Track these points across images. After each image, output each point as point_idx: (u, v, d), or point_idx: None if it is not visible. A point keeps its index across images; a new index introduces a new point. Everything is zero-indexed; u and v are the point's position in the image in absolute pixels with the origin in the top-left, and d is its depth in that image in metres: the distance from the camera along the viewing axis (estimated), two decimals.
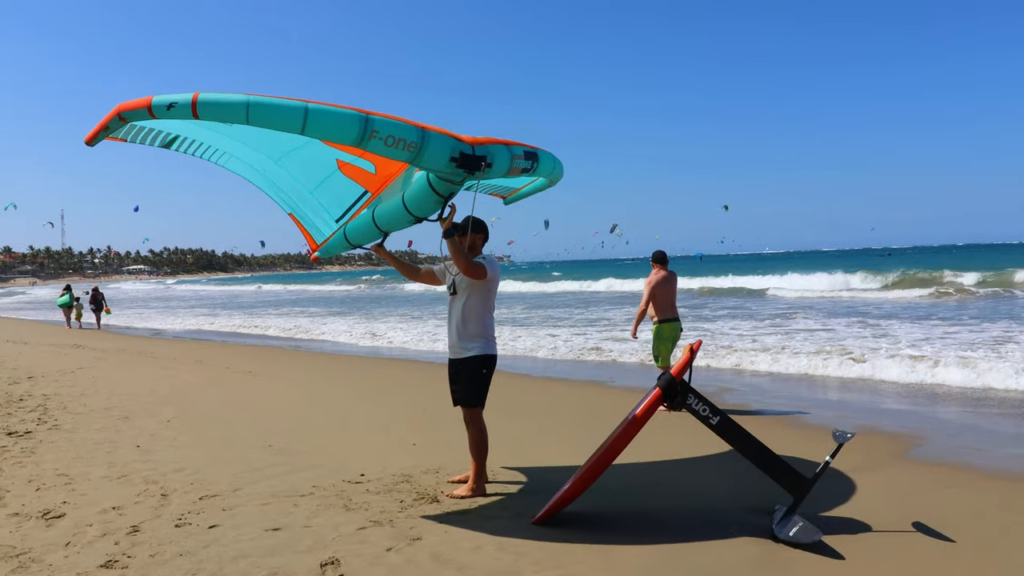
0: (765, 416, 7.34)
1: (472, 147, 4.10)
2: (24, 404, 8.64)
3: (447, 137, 4.05)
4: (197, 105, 3.54)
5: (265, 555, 3.84)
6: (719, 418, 4.12)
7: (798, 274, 37.41)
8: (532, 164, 4.55)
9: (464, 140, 4.12)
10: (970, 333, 13.10)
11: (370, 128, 3.77)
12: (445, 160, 4.06)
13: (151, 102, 3.59)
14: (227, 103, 3.57)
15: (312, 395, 9.35)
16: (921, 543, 3.94)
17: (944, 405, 7.88)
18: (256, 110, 3.57)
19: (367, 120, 3.77)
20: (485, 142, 4.21)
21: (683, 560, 3.75)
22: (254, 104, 3.57)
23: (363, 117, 3.77)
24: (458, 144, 4.07)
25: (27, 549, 3.97)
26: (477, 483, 4.84)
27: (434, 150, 3.99)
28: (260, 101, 3.59)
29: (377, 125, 3.79)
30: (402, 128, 3.87)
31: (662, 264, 8.12)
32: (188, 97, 3.56)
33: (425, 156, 3.99)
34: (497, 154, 4.23)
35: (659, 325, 7.99)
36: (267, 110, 3.60)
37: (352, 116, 3.75)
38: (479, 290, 4.77)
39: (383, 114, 3.90)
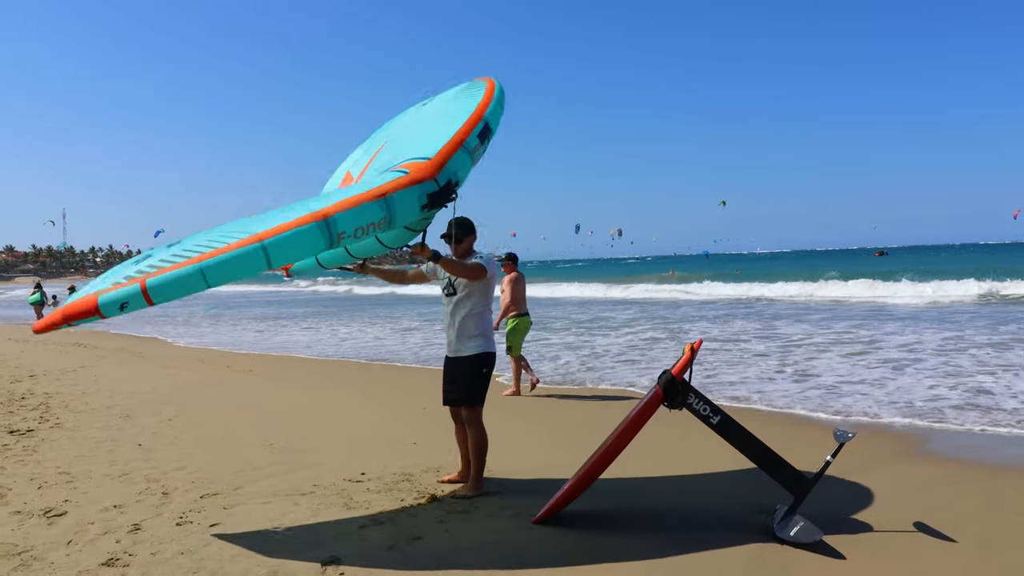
0: (766, 416, 7.34)
1: (435, 180, 3.90)
2: (26, 402, 8.65)
3: (409, 189, 3.82)
4: (149, 292, 3.33)
5: (266, 554, 3.85)
6: (720, 417, 4.12)
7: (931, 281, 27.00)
8: (488, 136, 4.32)
9: (425, 175, 3.89)
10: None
11: (335, 232, 3.57)
12: (416, 211, 3.91)
13: (97, 303, 3.35)
14: (180, 278, 3.35)
15: (312, 394, 9.36)
16: (922, 543, 3.94)
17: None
18: (213, 272, 3.37)
19: (328, 225, 3.55)
20: (444, 159, 3.98)
21: (684, 559, 3.75)
22: (209, 268, 3.36)
23: (321, 225, 3.54)
24: (423, 187, 3.87)
25: (29, 547, 3.98)
26: (479, 483, 4.84)
27: (403, 210, 3.83)
28: (213, 262, 3.37)
29: (340, 225, 3.58)
30: (364, 212, 3.66)
31: (514, 264, 9.21)
32: (136, 288, 3.33)
33: (397, 220, 3.83)
34: (459, 163, 4.06)
35: (518, 319, 8.96)
36: (225, 267, 3.38)
37: (311, 229, 3.52)
38: (479, 289, 4.77)
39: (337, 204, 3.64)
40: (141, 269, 3.53)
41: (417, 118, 5.16)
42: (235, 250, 3.40)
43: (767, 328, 15.87)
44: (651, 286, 34.84)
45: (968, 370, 9.53)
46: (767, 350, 12.22)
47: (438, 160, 3.98)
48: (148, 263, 3.61)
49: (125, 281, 3.44)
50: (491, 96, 4.50)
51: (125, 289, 3.36)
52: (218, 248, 3.45)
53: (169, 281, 3.34)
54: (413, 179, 3.87)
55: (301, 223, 3.53)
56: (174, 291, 3.36)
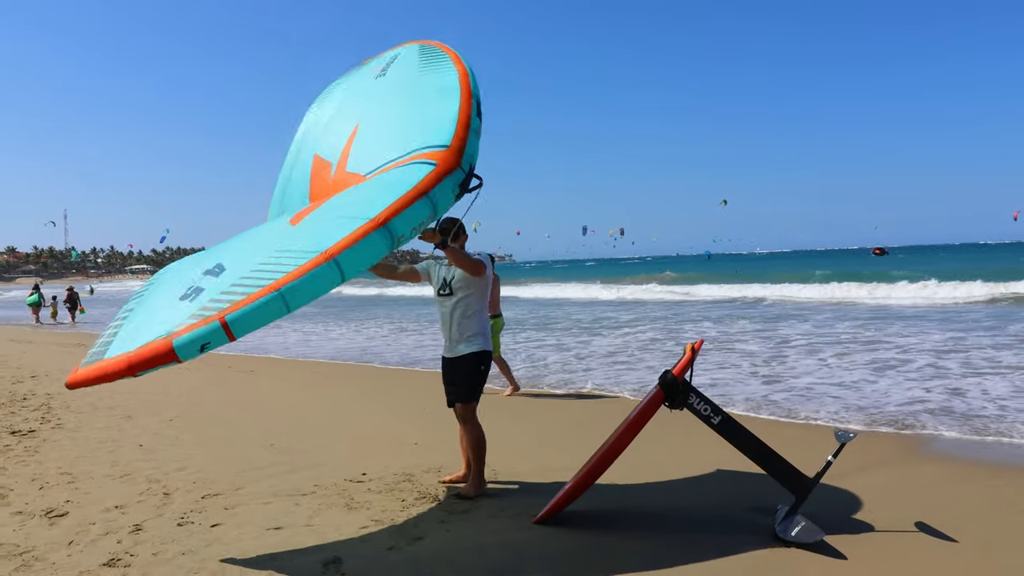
0: (766, 416, 7.33)
1: (461, 168, 3.94)
2: (28, 403, 8.66)
3: (445, 182, 3.87)
4: (230, 326, 3.24)
5: (267, 554, 3.85)
6: (720, 417, 4.12)
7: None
8: (480, 110, 4.32)
9: (452, 164, 3.92)
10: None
11: (395, 236, 3.64)
12: (451, 200, 3.97)
13: (173, 347, 3.21)
14: (261, 307, 3.29)
15: (314, 394, 9.36)
16: (923, 543, 3.94)
17: None
18: (294, 296, 3.35)
19: (389, 231, 3.60)
20: (462, 145, 4.00)
21: (685, 559, 3.74)
22: (289, 292, 3.33)
23: (383, 232, 3.59)
24: (454, 178, 3.90)
25: (30, 547, 3.99)
26: (479, 482, 4.82)
27: (443, 202, 3.89)
28: (293, 286, 3.35)
29: (399, 229, 3.64)
30: (415, 213, 3.72)
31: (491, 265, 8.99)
32: (215, 326, 3.23)
33: (439, 213, 3.93)
34: (472, 148, 4.08)
35: (492, 320, 8.71)
36: (305, 288, 3.37)
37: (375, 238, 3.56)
38: (477, 289, 4.77)
39: (391, 208, 3.66)
40: (207, 306, 3.40)
41: (383, 95, 5.03)
42: (310, 271, 3.41)
43: (767, 329, 15.85)
44: (655, 286, 34.60)
45: (954, 372, 9.35)
46: (758, 350, 12.17)
47: (457, 146, 4.01)
48: (209, 298, 3.48)
49: (195, 321, 3.30)
50: (465, 70, 4.46)
51: (203, 328, 3.24)
52: (291, 272, 3.42)
53: (251, 311, 3.28)
54: (444, 170, 3.91)
55: (365, 233, 3.56)
56: (258, 320, 3.30)
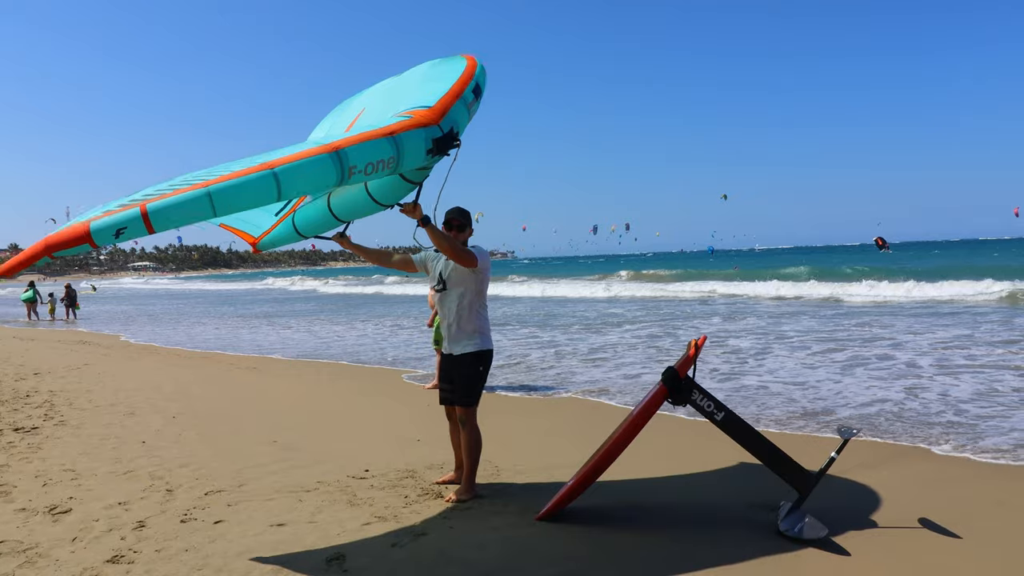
0: (769, 413, 7.31)
1: (439, 126, 3.87)
2: (31, 400, 8.68)
3: (416, 131, 3.79)
4: (150, 216, 3.02)
5: (270, 551, 3.85)
6: (724, 414, 4.11)
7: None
8: (479, 95, 4.33)
9: (429, 120, 3.86)
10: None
11: (347, 165, 3.48)
12: (422, 155, 3.87)
13: (89, 229, 3.00)
14: (185, 202, 3.08)
15: (316, 391, 9.37)
16: (927, 539, 3.93)
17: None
18: (222, 197, 3.14)
19: (339, 157, 3.46)
20: (445, 107, 3.95)
21: (688, 556, 3.74)
22: (218, 192, 3.14)
23: (334, 156, 3.45)
24: (429, 131, 3.84)
25: (34, 544, 3.99)
26: (471, 485, 4.72)
27: (411, 152, 3.78)
28: (222, 187, 3.16)
29: (352, 158, 3.49)
30: (375, 148, 3.60)
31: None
32: (135, 212, 3.02)
33: (404, 161, 3.78)
34: (458, 114, 4.03)
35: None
36: (235, 192, 3.17)
37: (323, 160, 3.42)
38: (472, 283, 4.58)
39: (348, 139, 3.57)
40: (136, 198, 3.21)
41: (394, 86, 5.07)
42: (246, 176, 3.23)
43: (768, 327, 15.83)
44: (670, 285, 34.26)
45: (926, 371, 9.21)
46: (747, 346, 12.15)
47: (439, 107, 3.96)
48: (143, 193, 3.31)
49: (117, 208, 3.11)
50: (474, 62, 4.49)
51: (122, 214, 3.03)
52: (226, 175, 3.25)
53: (173, 205, 3.06)
54: (418, 122, 3.84)
55: (313, 153, 3.44)
56: (178, 216, 3.08)
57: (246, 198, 3.24)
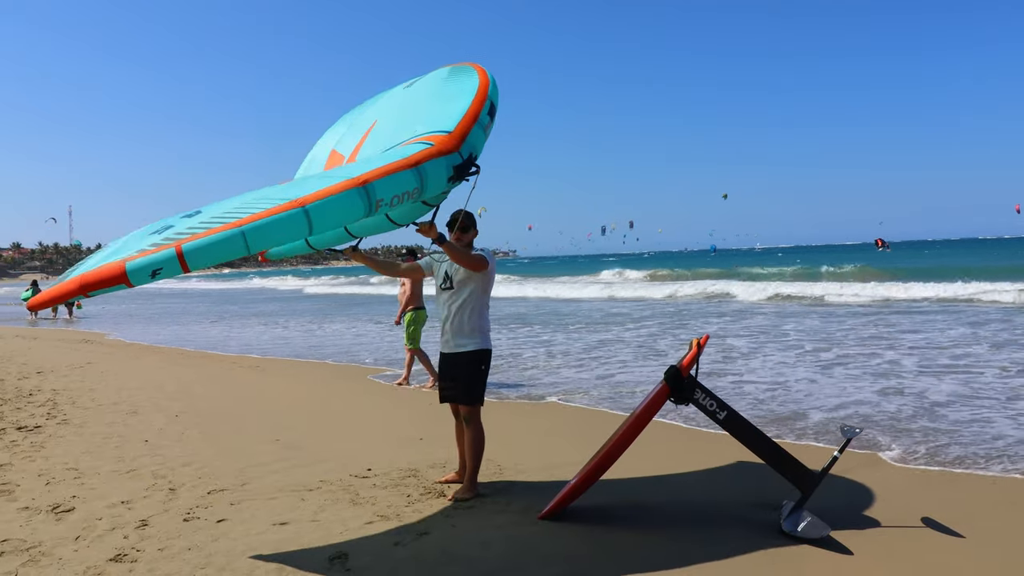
0: (771, 412, 7.31)
1: (459, 153, 3.94)
2: (34, 399, 8.69)
3: (438, 160, 3.86)
4: (185, 256, 3.08)
5: (272, 549, 3.86)
6: (726, 413, 4.11)
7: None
8: (493, 115, 4.36)
9: (449, 147, 3.93)
10: None
11: (374, 199, 3.56)
12: (444, 183, 3.95)
13: (125, 270, 3.03)
14: (220, 241, 3.14)
15: (319, 390, 9.38)
16: (930, 538, 3.93)
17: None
18: (255, 235, 3.21)
19: (367, 191, 3.53)
20: (464, 132, 4.02)
21: (690, 555, 3.74)
22: (251, 231, 3.20)
23: (361, 191, 3.52)
24: (449, 159, 3.91)
25: (37, 543, 4.00)
26: (473, 484, 4.73)
27: (433, 181, 3.86)
28: (256, 226, 3.23)
29: (379, 192, 3.57)
30: (401, 180, 3.67)
31: (414, 259, 9.46)
32: (170, 253, 3.07)
33: (427, 190, 3.86)
34: (476, 140, 4.10)
35: (416, 312, 9.45)
36: (268, 230, 3.25)
37: (351, 195, 3.49)
38: (477, 284, 4.65)
39: (374, 172, 3.63)
40: (168, 236, 3.26)
41: (405, 99, 5.08)
42: (278, 214, 3.30)
43: (769, 326, 15.81)
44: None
45: (907, 370, 9.21)
46: (732, 346, 12.14)
47: (458, 132, 4.01)
48: (174, 231, 3.34)
49: (153, 248, 3.15)
50: (487, 78, 4.52)
51: (157, 255, 3.08)
52: (258, 213, 3.30)
53: (208, 244, 3.12)
54: (439, 150, 3.90)
55: (341, 189, 3.50)
56: (213, 255, 3.15)
57: (279, 235, 3.31)
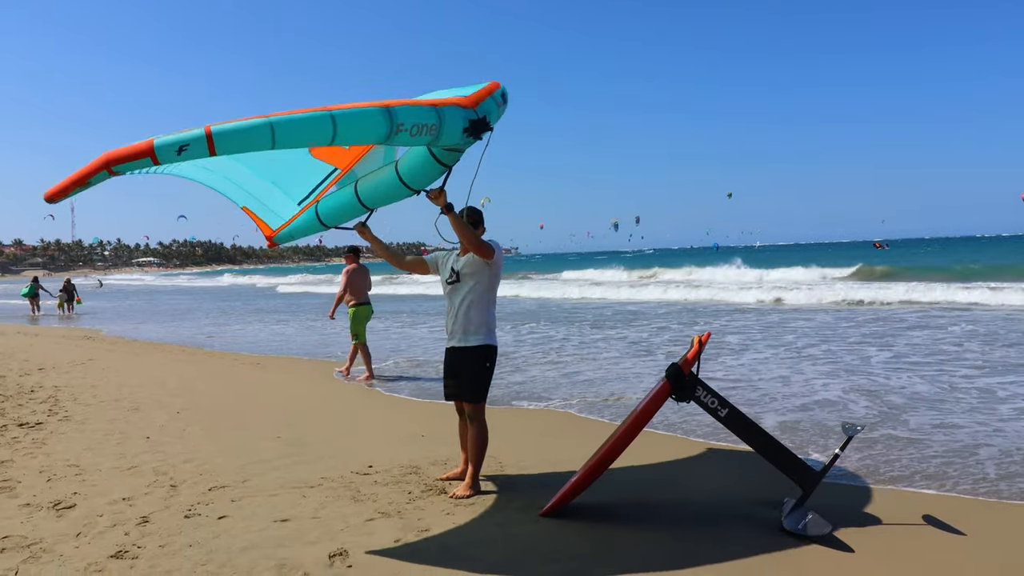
0: (773, 409, 7.30)
1: (475, 111, 4.05)
2: (35, 395, 8.69)
3: (457, 108, 3.97)
4: (213, 138, 3.12)
5: (274, 546, 3.86)
6: (728, 410, 4.10)
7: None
8: (504, 104, 4.47)
9: (466, 103, 4.04)
10: None
11: (396, 122, 3.62)
12: (459, 133, 4.01)
13: (153, 146, 3.05)
14: (248, 129, 3.21)
15: (320, 387, 9.38)
16: (931, 536, 3.93)
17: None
18: (283, 129, 3.28)
19: (391, 113, 3.60)
20: (481, 97, 4.15)
21: (692, 553, 3.74)
22: (279, 124, 3.27)
23: (385, 111, 3.59)
24: (466, 112, 4.01)
25: (38, 539, 4.00)
26: (474, 482, 4.73)
27: (450, 125, 3.94)
28: (284, 120, 3.30)
29: (401, 116, 3.64)
30: (422, 113, 3.78)
31: (355, 257, 9.84)
32: (200, 132, 3.11)
33: (443, 135, 3.93)
34: (490, 108, 4.20)
35: (356, 308, 9.65)
36: (295, 126, 3.33)
37: (376, 112, 3.58)
38: (484, 277, 4.61)
39: (399, 101, 3.77)
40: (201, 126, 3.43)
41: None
42: (307, 113, 3.43)
43: (772, 325, 15.79)
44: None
45: (879, 374, 9.19)
46: (724, 342, 12.15)
47: (475, 96, 4.14)
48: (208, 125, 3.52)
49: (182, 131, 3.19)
50: (497, 83, 4.61)
51: (186, 133, 3.12)
52: (289, 111, 3.42)
53: (236, 130, 3.20)
54: (457, 102, 4.02)
55: (367, 105, 3.62)
56: (239, 142, 3.23)
57: (304, 134, 3.41)
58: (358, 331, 9.70)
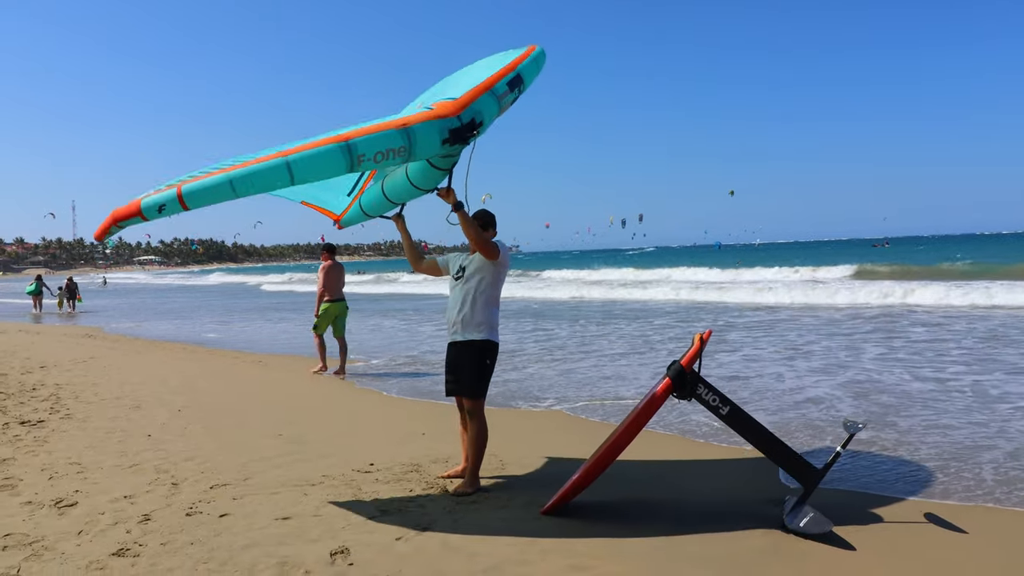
0: (774, 407, 7.30)
1: (458, 117, 4.08)
2: (37, 393, 8.70)
3: (431, 122, 4.02)
4: (184, 198, 3.62)
5: (275, 544, 3.86)
6: (729, 408, 4.10)
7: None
8: (519, 87, 4.50)
9: (448, 112, 4.09)
10: None
11: (355, 155, 3.82)
12: (437, 145, 4.08)
13: (140, 207, 3.66)
14: (211, 186, 3.65)
15: (321, 385, 9.38)
16: (932, 534, 3.93)
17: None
18: (241, 183, 3.65)
19: (348, 148, 3.80)
20: (469, 99, 4.18)
21: (693, 551, 3.74)
22: (237, 178, 3.65)
23: (343, 147, 3.79)
24: (444, 123, 4.05)
25: (40, 537, 4.01)
26: (474, 479, 4.74)
27: (424, 142, 4.00)
28: (241, 174, 3.67)
29: (361, 148, 3.83)
30: (384, 138, 3.89)
31: (331, 255, 10.21)
32: (172, 193, 3.64)
33: (417, 151, 4.01)
34: (484, 107, 4.22)
35: (329, 304, 10.03)
36: (251, 178, 3.67)
37: (333, 150, 3.78)
38: (488, 275, 4.65)
39: (359, 130, 3.91)
40: (180, 179, 3.83)
41: (458, 77, 5.36)
42: (261, 163, 3.72)
43: (775, 325, 15.78)
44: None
45: (872, 367, 9.25)
46: (724, 339, 12.14)
47: (463, 100, 4.19)
48: (188, 174, 3.95)
49: (163, 188, 3.75)
50: (529, 53, 4.73)
51: (163, 194, 3.66)
52: (247, 162, 3.77)
53: (201, 188, 3.64)
54: (436, 114, 4.09)
55: (324, 143, 3.81)
56: (206, 198, 3.66)
57: (262, 183, 3.73)
58: (321, 325, 10.09)
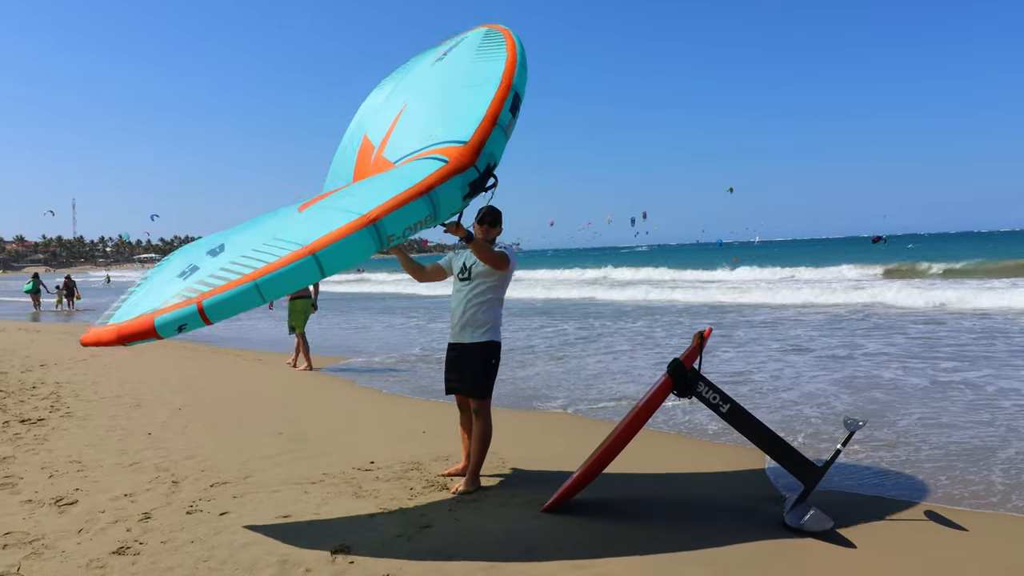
0: (775, 405, 7.30)
1: (475, 165, 3.88)
2: (37, 391, 8.70)
3: (452, 180, 3.80)
4: (206, 312, 3.36)
5: (275, 542, 3.86)
6: (729, 406, 4.10)
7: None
8: (518, 106, 4.28)
9: (465, 162, 3.86)
10: None
11: (384, 235, 3.59)
12: (459, 200, 3.91)
13: (154, 326, 3.37)
14: (237, 295, 3.38)
15: (321, 383, 9.38)
16: (933, 532, 3.93)
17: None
18: (268, 287, 3.40)
19: (377, 229, 3.56)
20: (480, 142, 3.93)
21: (693, 548, 3.73)
22: (264, 284, 3.40)
23: (372, 230, 3.55)
24: (464, 176, 3.85)
25: (40, 535, 4.00)
26: (475, 478, 4.73)
27: (447, 203, 3.83)
28: (268, 279, 3.40)
29: (389, 228, 3.59)
30: (411, 212, 3.66)
31: None
32: (192, 309, 3.36)
33: (442, 213, 3.84)
34: (495, 143, 4.03)
35: (292, 301, 10.32)
36: (280, 281, 3.42)
37: (362, 235, 3.53)
38: (496, 277, 4.64)
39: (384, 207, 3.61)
40: (192, 287, 3.52)
41: (436, 77, 5.07)
42: (288, 264, 3.44)
43: (778, 323, 15.78)
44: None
45: (869, 365, 9.30)
46: (728, 336, 12.15)
47: (475, 143, 3.93)
48: (197, 279, 3.61)
49: (179, 301, 3.44)
50: (514, 60, 4.39)
51: (182, 310, 3.38)
52: (271, 263, 3.48)
53: (226, 300, 3.38)
54: (454, 168, 3.84)
55: (351, 230, 3.53)
56: (231, 309, 3.40)
57: (291, 284, 3.47)
58: (295, 323, 10.33)
